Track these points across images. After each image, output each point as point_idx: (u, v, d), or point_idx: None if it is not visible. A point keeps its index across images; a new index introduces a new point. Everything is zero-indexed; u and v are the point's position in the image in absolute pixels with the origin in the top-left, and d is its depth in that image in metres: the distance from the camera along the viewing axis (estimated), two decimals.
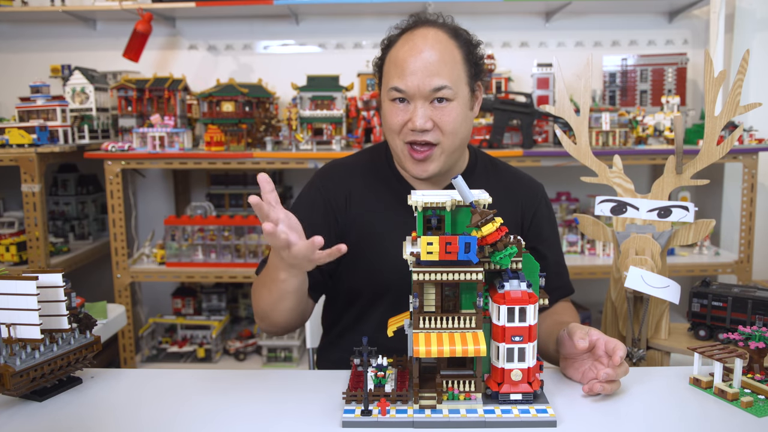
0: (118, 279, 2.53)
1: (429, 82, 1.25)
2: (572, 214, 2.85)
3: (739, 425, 0.94)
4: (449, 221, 0.98)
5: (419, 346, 0.92)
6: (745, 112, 1.30)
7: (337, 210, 1.39)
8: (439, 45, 1.28)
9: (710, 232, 1.36)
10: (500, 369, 0.97)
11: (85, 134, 2.61)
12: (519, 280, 0.96)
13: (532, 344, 0.96)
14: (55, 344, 1.07)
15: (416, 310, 0.96)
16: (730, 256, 2.65)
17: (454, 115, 1.28)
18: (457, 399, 0.98)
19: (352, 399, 0.98)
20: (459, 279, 0.95)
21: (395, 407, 0.96)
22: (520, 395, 0.97)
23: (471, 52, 1.33)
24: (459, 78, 1.29)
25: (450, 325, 0.96)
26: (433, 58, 1.26)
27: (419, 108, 1.26)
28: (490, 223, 0.94)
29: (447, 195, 0.99)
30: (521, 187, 1.45)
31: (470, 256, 0.92)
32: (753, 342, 1.06)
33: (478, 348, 0.92)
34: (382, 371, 1.00)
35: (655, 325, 1.38)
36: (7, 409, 1.03)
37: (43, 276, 1.05)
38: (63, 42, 3.01)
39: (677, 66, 2.81)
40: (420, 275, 0.95)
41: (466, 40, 1.34)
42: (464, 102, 1.30)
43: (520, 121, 2.54)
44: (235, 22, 2.99)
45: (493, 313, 0.97)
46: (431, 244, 0.92)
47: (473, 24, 3.00)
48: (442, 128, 1.28)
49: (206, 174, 3.00)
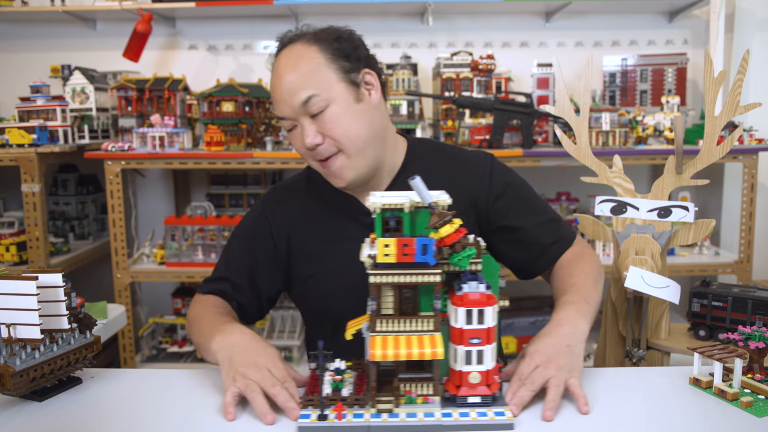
0: (118, 279, 2.53)
1: (296, 100, 1.23)
2: (572, 214, 2.85)
3: (739, 425, 0.94)
4: (408, 223, 0.97)
5: (375, 350, 0.91)
6: (745, 112, 1.30)
7: (279, 233, 1.38)
8: (297, 60, 1.25)
9: (710, 232, 1.35)
10: (458, 372, 0.96)
11: (85, 134, 2.61)
12: (478, 282, 0.95)
13: (491, 346, 0.95)
14: (55, 344, 1.07)
15: (374, 313, 0.95)
16: (730, 256, 2.65)
17: (335, 119, 1.24)
18: (414, 403, 0.96)
19: (308, 404, 0.96)
20: (416, 281, 0.93)
21: (352, 411, 0.95)
22: (478, 398, 0.96)
23: (339, 47, 1.27)
24: (327, 80, 1.24)
25: (408, 327, 0.95)
26: (293, 76, 1.24)
27: (306, 127, 1.24)
28: (448, 224, 0.93)
29: (405, 196, 0.98)
30: (466, 167, 1.39)
31: (427, 258, 0.92)
32: (753, 342, 1.06)
33: (435, 351, 0.91)
34: (340, 375, 0.99)
35: (655, 325, 1.38)
36: (7, 409, 1.03)
37: (43, 276, 1.04)
38: (63, 42, 3.01)
39: (677, 66, 2.81)
40: (377, 278, 0.94)
41: (329, 38, 1.28)
42: (344, 100, 1.25)
43: (520, 121, 2.54)
44: (235, 22, 2.99)
45: (451, 316, 0.96)
46: (388, 246, 0.91)
47: (473, 24, 3.03)
48: (332, 136, 1.24)
49: (206, 174, 3.00)
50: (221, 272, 1.39)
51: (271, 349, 1.10)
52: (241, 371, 1.02)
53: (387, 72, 2.65)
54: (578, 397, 0.99)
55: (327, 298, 1.35)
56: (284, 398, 0.98)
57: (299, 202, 1.41)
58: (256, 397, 0.99)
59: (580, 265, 1.32)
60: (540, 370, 1.01)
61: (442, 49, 3.00)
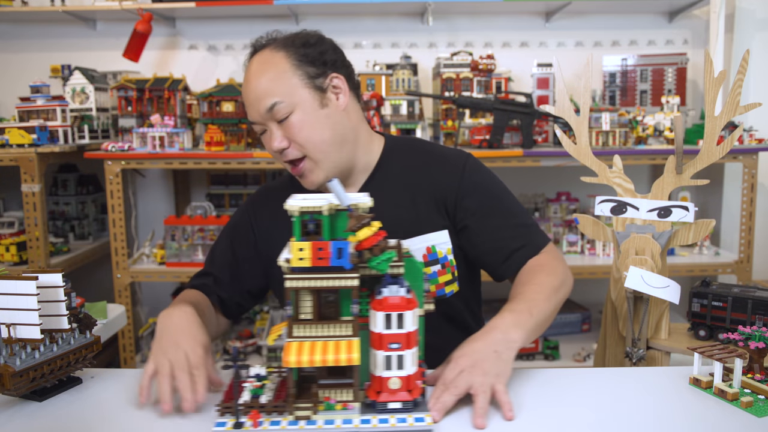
0: (118, 279, 2.53)
1: (262, 106, 1.27)
2: (572, 214, 2.85)
3: (739, 425, 0.94)
4: (327, 226, 0.95)
5: (290, 356, 0.89)
6: (745, 112, 1.30)
7: (261, 231, 1.42)
8: (263, 66, 1.29)
9: (710, 232, 1.35)
10: (378, 377, 0.94)
11: (85, 134, 2.61)
12: (398, 286, 0.94)
13: (411, 351, 0.94)
14: (55, 344, 1.07)
15: (291, 317, 0.94)
16: (730, 256, 2.65)
17: (299, 125, 1.27)
18: (333, 409, 0.95)
19: (226, 411, 0.94)
20: (332, 286, 0.92)
21: (269, 419, 0.93)
22: (399, 404, 0.94)
23: (305, 53, 1.30)
24: (291, 86, 1.27)
25: (327, 332, 0.94)
26: (259, 83, 1.27)
27: (273, 132, 1.28)
28: (366, 227, 0.91)
29: (324, 199, 0.96)
30: (439, 164, 1.38)
31: (342, 262, 0.90)
32: (753, 342, 1.06)
33: (350, 357, 0.89)
34: (260, 381, 0.97)
35: (655, 325, 1.38)
36: (7, 409, 1.03)
37: (43, 276, 1.04)
38: (63, 42, 3.00)
39: (677, 66, 2.81)
40: (292, 282, 0.92)
41: (297, 44, 1.31)
42: (308, 106, 1.28)
43: (520, 121, 2.54)
44: (235, 22, 2.99)
45: (371, 320, 0.94)
46: (302, 249, 0.90)
47: (473, 24, 3.03)
48: (296, 141, 1.28)
49: (206, 174, 3.00)
50: (206, 268, 1.45)
51: (200, 335, 1.10)
52: (162, 349, 1.05)
53: (387, 72, 2.65)
54: (503, 403, 0.97)
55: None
56: (183, 385, 0.99)
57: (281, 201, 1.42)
58: (162, 378, 1.00)
59: (539, 276, 1.26)
60: (464, 375, 0.99)
61: (442, 49, 3.00)
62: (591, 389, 1.08)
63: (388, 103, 2.60)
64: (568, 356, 2.70)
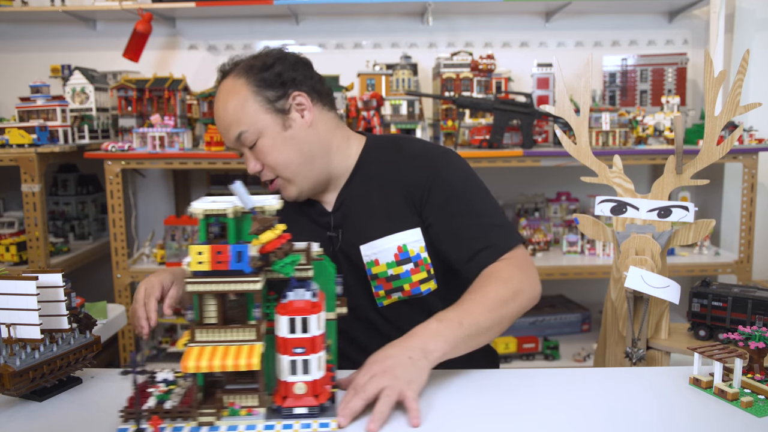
0: (118, 279, 2.53)
1: (230, 135, 1.33)
2: (572, 214, 2.85)
3: (739, 425, 0.94)
4: (233, 229, 0.93)
5: (189, 361, 0.88)
6: (745, 112, 1.30)
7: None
8: (226, 95, 1.33)
9: (710, 232, 1.35)
10: (284, 382, 0.93)
11: (85, 134, 2.61)
12: (305, 289, 0.93)
13: (317, 356, 0.93)
14: (55, 344, 1.07)
15: (193, 322, 0.93)
16: (730, 256, 2.65)
17: (265, 150, 1.32)
18: (238, 415, 0.93)
19: (129, 417, 0.92)
20: (232, 289, 0.91)
21: (172, 425, 0.92)
22: (304, 409, 0.93)
23: (263, 77, 1.32)
24: (253, 113, 1.30)
25: (231, 337, 0.92)
26: (225, 112, 1.32)
27: (247, 156, 1.35)
28: (269, 230, 0.90)
29: (230, 202, 0.94)
30: (412, 161, 1.36)
31: (242, 266, 0.89)
32: (753, 342, 1.06)
33: (250, 362, 0.88)
34: (166, 387, 0.96)
35: (655, 325, 1.38)
36: (7, 409, 1.03)
37: (43, 276, 1.04)
38: (63, 42, 3.00)
39: (677, 66, 2.81)
40: (192, 286, 0.90)
41: (256, 69, 1.33)
42: (271, 131, 1.31)
43: (520, 121, 2.54)
44: (235, 22, 2.99)
45: (276, 324, 0.94)
46: (201, 253, 0.89)
47: (473, 24, 3.03)
48: (268, 164, 1.33)
49: (206, 174, 3.00)
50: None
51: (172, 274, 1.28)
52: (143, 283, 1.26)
53: (387, 72, 2.65)
54: (410, 410, 0.94)
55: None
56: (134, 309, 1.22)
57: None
58: (137, 306, 1.22)
59: (489, 285, 1.20)
60: (375, 380, 0.97)
61: (442, 49, 3.00)
62: (591, 389, 1.08)
63: (388, 103, 2.60)
64: (568, 356, 2.71)
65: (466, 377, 1.13)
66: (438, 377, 1.11)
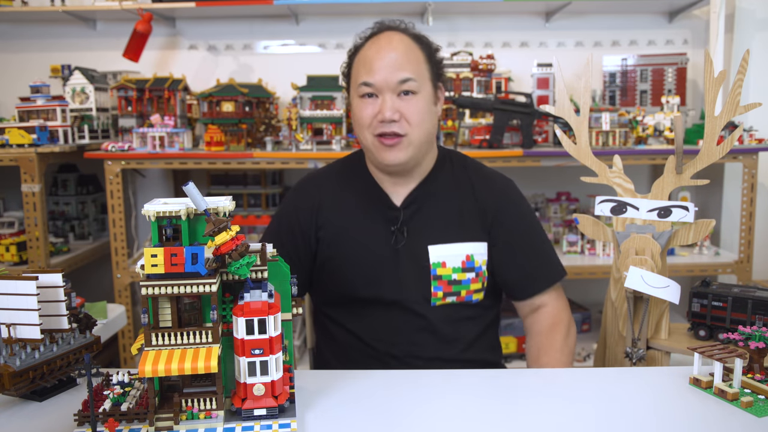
0: (118, 279, 2.53)
1: (396, 75, 1.36)
2: (572, 214, 2.85)
3: (739, 425, 0.94)
4: (186, 231, 0.92)
5: (145, 366, 0.86)
6: (745, 112, 1.30)
7: (307, 222, 1.48)
8: (403, 45, 1.40)
9: (710, 232, 1.35)
10: (243, 384, 0.93)
11: (85, 134, 2.61)
12: (261, 291, 0.93)
13: (275, 356, 0.92)
14: (55, 344, 1.07)
15: (148, 326, 0.91)
16: (730, 256, 2.65)
17: (419, 106, 1.38)
18: (197, 418, 0.92)
19: (85, 420, 0.90)
20: (188, 292, 0.90)
21: (129, 427, 0.90)
22: (264, 410, 0.93)
23: (432, 54, 1.45)
24: (423, 74, 1.40)
25: (187, 340, 0.91)
26: (398, 54, 1.38)
27: (387, 100, 1.36)
28: (223, 231, 0.90)
29: (182, 204, 0.93)
30: (484, 186, 1.50)
31: (198, 268, 0.88)
32: (753, 342, 1.06)
33: (208, 365, 0.87)
34: (122, 389, 0.96)
35: (655, 325, 1.38)
36: (7, 409, 1.03)
37: (43, 276, 1.05)
38: (63, 42, 3.01)
39: (677, 66, 2.81)
40: (147, 289, 0.89)
41: (427, 43, 1.46)
42: (428, 97, 1.41)
43: (520, 121, 2.54)
44: (235, 22, 2.99)
45: (234, 326, 0.93)
46: (155, 256, 0.87)
47: (473, 24, 3.03)
48: (409, 119, 1.37)
49: (206, 174, 3.00)
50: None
51: None
52: None
53: None
54: None
55: (341, 283, 1.44)
56: None
57: (328, 189, 1.51)
58: None
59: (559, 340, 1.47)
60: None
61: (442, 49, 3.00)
62: (591, 389, 1.08)
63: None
64: None
65: (466, 377, 1.13)
66: (438, 377, 1.11)
